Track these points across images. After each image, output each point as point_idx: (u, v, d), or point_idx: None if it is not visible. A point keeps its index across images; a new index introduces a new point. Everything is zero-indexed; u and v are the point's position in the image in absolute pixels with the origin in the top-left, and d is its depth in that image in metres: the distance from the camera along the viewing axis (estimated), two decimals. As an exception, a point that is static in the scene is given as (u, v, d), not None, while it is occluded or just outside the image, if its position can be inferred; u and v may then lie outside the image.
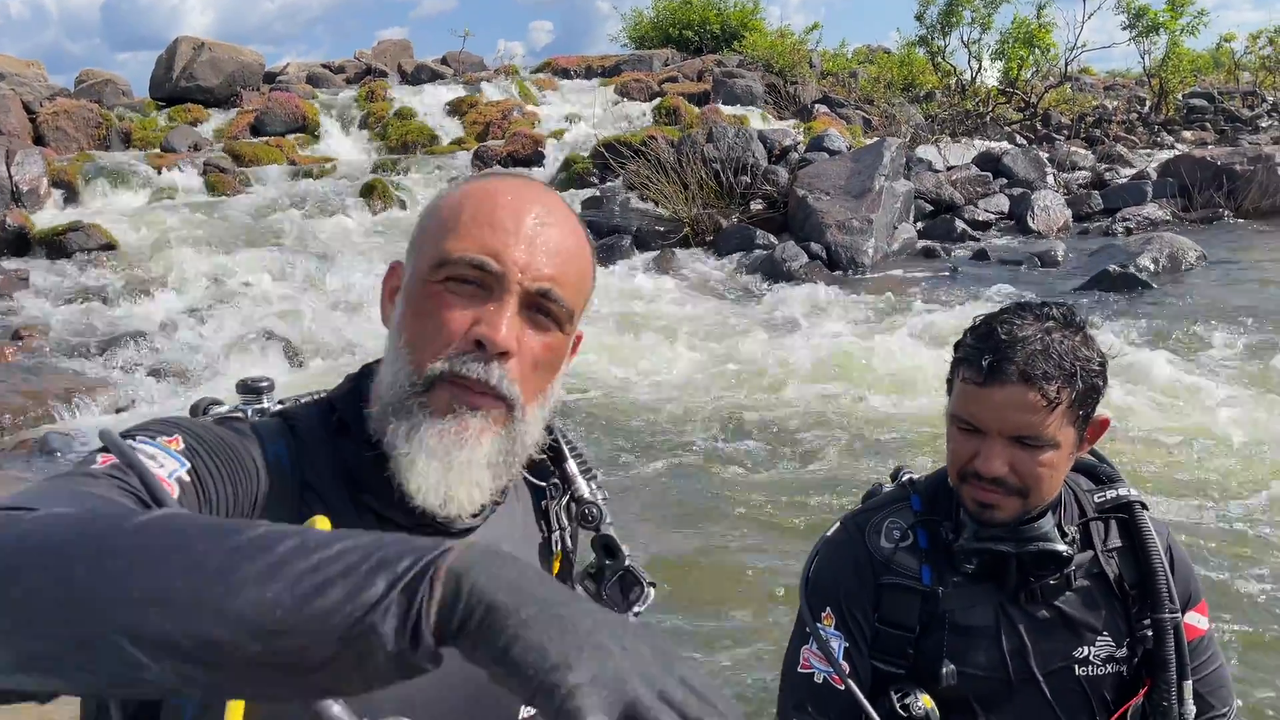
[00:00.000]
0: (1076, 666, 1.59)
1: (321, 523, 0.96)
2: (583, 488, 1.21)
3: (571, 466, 1.22)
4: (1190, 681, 1.57)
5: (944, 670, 1.55)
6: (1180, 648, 1.56)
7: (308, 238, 10.36)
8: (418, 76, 18.99)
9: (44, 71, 17.92)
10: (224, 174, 12.59)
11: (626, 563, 1.19)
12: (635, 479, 4.88)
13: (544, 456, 1.21)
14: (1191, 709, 1.56)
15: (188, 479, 0.92)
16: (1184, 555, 1.68)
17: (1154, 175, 13.39)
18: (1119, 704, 1.62)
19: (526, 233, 1.03)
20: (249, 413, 1.11)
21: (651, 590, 1.19)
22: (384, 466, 1.03)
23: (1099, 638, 1.60)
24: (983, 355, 1.48)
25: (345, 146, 15.19)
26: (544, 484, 1.23)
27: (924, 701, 1.53)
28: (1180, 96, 20.76)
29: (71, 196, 11.58)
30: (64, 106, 14.38)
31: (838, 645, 1.60)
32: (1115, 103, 21.51)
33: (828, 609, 1.63)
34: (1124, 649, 1.61)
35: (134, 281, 8.81)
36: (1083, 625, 1.60)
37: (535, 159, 13.74)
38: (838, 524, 1.72)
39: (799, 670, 1.63)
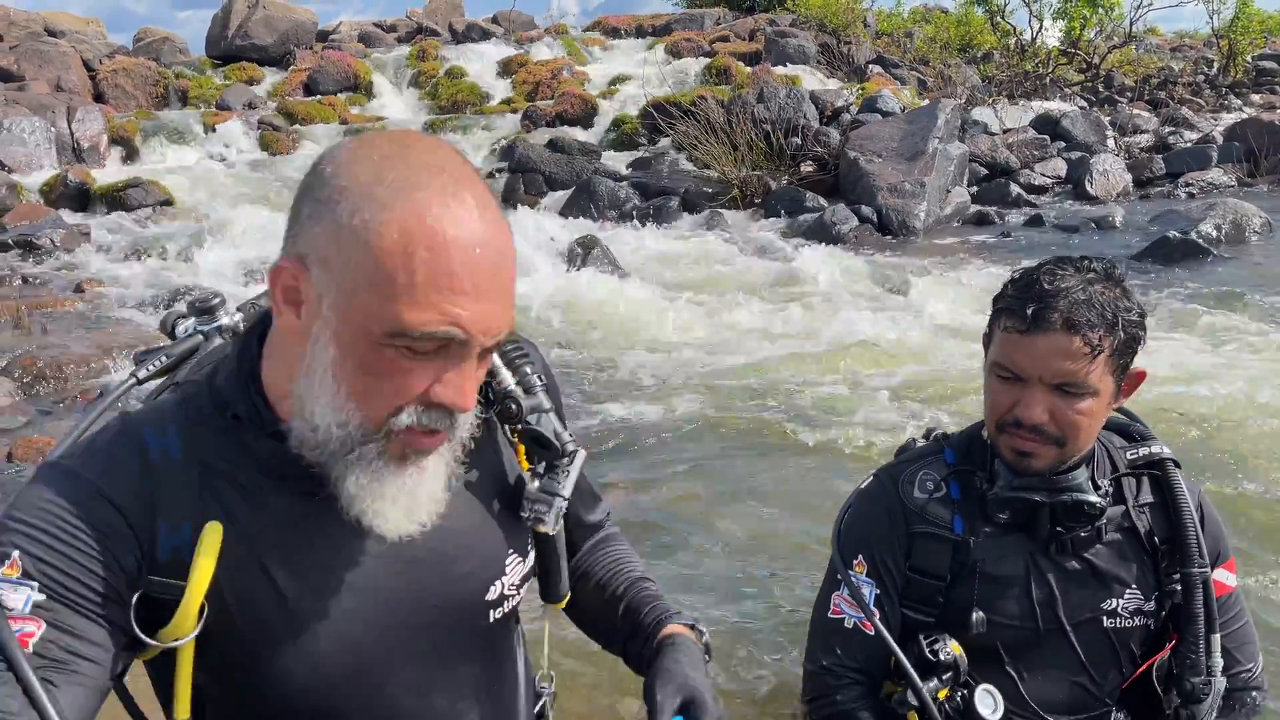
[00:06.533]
0: (1104, 618, 1.61)
1: (211, 532, 1.01)
2: (505, 379, 1.18)
3: (494, 358, 1.16)
4: (1218, 635, 1.58)
5: (974, 618, 1.58)
6: (1209, 602, 1.58)
7: (359, 196, 10.45)
8: (468, 35, 18.96)
9: (103, 29, 18.22)
10: (277, 132, 12.74)
11: (567, 446, 1.19)
12: (676, 436, 4.91)
13: None
14: (1219, 661, 1.58)
15: (41, 596, 0.95)
16: (1214, 513, 1.70)
17: (1219, 139, 13.00)
18: (1146, 658, 1.63)
19: (484, 288, 0.96)
20: (206, 333, 1.15)
21: (556, 501, 1.19)
22: (300, 455, 1.02)
23: (1128, 590, 1.61)
24: (1026, 304, 1.50)
25: (396, 106, 15.26)
26: (486, 379, 1.19)
27: (953, 648, 1.56)
28: (1249, 58, 20.03)
29: (130, 153, 11.81)
30: (123, 64, 14.60)
31: (869, 591, 1.63)
32: (1181, 64, 20.84)
33: (860, 556, 1.66)
34: (1152, 602, 1.62)
35: (191, 237, 8.98)
36: (1112, 578, 1.61)
37: (584, 119, 13.68)
38: (871, 476, 1.75)
39: (829, 615, 1.67)
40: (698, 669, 1.21)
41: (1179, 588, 1.59)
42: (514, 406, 1.17)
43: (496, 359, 1.18)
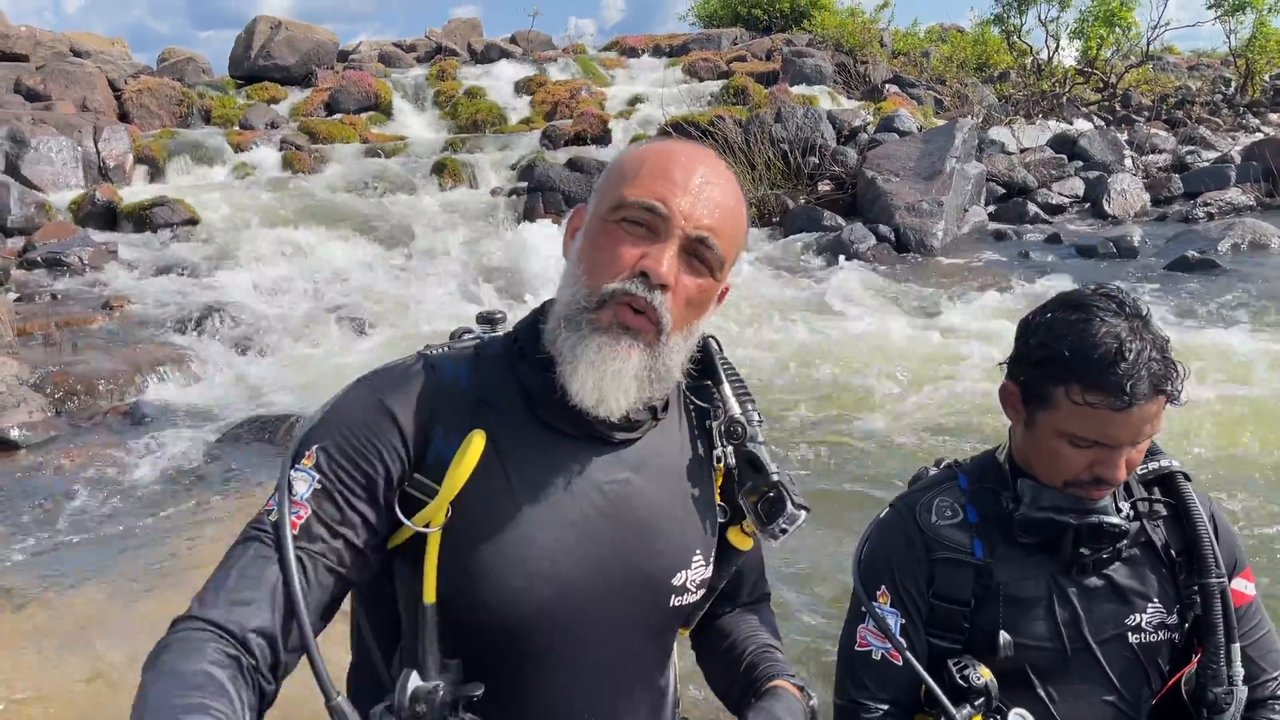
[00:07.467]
0: (1130, 634, 1.63)
1: (478, 438, 1.20)
2: (734, 408, 1.37)
3: (726, 389, 1.38)
4: (1238, 644, 1.60)
5: (1001, 641, 1.59)
6: (1227, 611, 1.60)
7: (380, 214, 10.57)
8: (487, 55, 19.14)
9: (128, 49, 18.48)
10: (299, 151, 12.86)
11: (774, 478, 1.32)
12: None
13: (707, 383, 1.38)
14: (1240, 670, 1.59)
15: (319, 486, 1.18)
16: (1227, 523, 1.71)
17: (1237, 159, 12.98)
18: (1173, 672, 1.65)
19: (693, 187, 1.21)
20: (484, 338, 1.35)
21: (801, 513, 1.31)
22: (555, 385, 1.20)
23: (1150, 604, 1.63)
24: (1118, 380, 1.47)
25: (416, 125, 15.40)
26: (707, 405, 1.39)
27: (982, 673, 1.57)
28: (1267, 78, 20.02)
29: (156, 172, 11.97)
30: (147, 84, 14.80)
31: (894, 621, 1.63)
32: (1199, 83, 20.82)
33: (882, 587, 1.66)
34: (1174, 615, 1.64)
35: (216, 255, 9.10)
36: (1133, 593, 1.63)
37: (602, 138, 13.77)
38: (888, 507, 1.76)
39: (856, 649, 1.67)
40: (792, 714, 1.32)
41: (1198, 599, 1.61)
42: (739, 429, 1.35)
43: (727, 389, 1.38)
